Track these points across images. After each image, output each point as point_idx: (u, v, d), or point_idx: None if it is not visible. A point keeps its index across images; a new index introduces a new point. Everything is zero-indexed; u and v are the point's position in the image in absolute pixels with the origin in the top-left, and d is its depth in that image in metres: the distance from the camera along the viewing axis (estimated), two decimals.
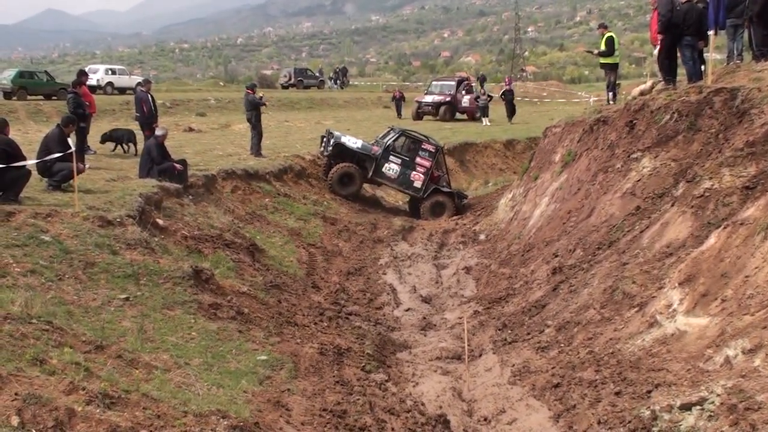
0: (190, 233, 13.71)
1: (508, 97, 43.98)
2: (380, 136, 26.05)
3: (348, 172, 23.87)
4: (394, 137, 24.80)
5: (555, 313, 11.37)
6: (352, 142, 24.24)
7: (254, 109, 23.12)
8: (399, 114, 45.59)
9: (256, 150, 23.28)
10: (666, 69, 16.77)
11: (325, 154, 24.32)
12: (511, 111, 43.80)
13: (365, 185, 25.26)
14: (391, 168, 24.18)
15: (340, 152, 23.93)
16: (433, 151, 24.66)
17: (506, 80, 49.53)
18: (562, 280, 12.47)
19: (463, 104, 46.20)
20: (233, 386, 7.97)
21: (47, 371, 6.48)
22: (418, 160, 24.30)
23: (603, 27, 21.45)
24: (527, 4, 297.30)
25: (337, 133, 24.56)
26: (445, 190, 24.78)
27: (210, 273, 11.47)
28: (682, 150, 12.51)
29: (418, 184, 24.25)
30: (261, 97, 23.94)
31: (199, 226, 14.69)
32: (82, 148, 18.17)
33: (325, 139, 24.70)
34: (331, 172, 23.87)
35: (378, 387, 9.63)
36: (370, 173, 24.33)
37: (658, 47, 16.90)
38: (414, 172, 24.20)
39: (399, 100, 46.58)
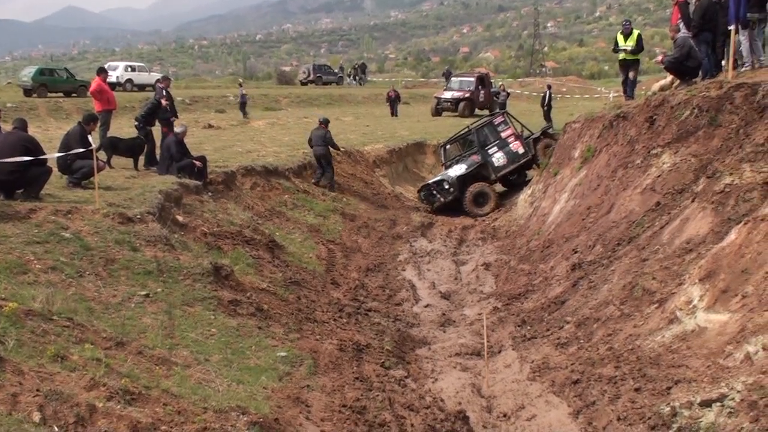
0: (209, 230, 13.76)
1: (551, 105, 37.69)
2: (461, 142, 26.41)
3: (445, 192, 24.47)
4: (475, 137, 25.34)
5: (574, 310, 11.33)
6: (457, 170, 24.68)
7: (326, 145, 22.35)
8: (394, 113, 44.40)
9: (330, 185, 22.48)
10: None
11: (449, 198, 24.32)
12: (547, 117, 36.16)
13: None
14: (497, 157, 25.03)
15: (464, 184, 24.26)
16: (503, 119, 25.87)
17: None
18: (581, 276, 12.43)
19: (480, 99, 45.73)
20: (253, 382, 8.00)
21: (68, 367, 6.53)
22: (503, 135, 25.27)
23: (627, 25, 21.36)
24: (547, 0, 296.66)
25: (437, 179, 24.99)
26: (536, 136, 26.01)
27: (229, 269, 11.50)
28: (702, 145, 12.42)
29: (521, 149, 25.24)
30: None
31: (219, 222, 14.72)
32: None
33: (428, 193, 24.95)
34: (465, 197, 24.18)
35: (397, 383, 9.66)
36: (493, 175, 25.10)
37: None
38: (511, 145, 25.14)
39: (394, 100, 45.20)
